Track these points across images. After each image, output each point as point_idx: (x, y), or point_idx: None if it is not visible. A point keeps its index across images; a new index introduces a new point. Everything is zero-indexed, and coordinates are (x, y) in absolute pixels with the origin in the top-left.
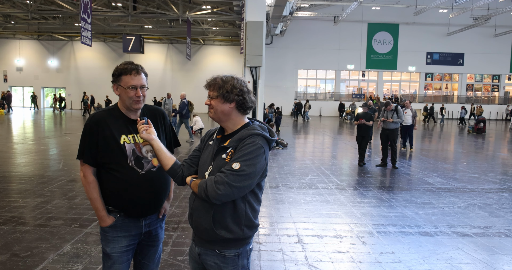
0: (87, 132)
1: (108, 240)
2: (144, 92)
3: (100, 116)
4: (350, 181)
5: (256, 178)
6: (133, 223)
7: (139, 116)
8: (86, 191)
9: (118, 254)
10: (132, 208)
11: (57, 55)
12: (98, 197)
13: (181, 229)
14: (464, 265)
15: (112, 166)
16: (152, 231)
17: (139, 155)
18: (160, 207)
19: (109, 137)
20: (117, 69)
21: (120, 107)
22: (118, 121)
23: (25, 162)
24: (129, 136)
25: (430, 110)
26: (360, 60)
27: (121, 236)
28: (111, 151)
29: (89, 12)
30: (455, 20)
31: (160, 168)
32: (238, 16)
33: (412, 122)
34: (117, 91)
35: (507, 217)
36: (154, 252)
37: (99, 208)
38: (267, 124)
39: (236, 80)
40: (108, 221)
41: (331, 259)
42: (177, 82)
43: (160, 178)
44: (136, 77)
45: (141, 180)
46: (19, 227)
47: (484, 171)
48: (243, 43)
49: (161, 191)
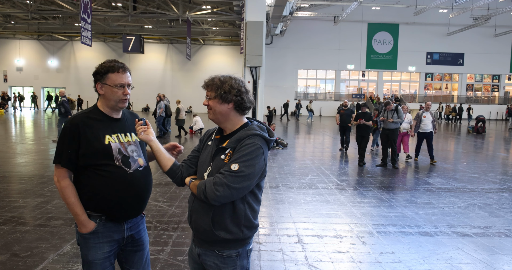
0: (67, 135)
1: (89, 247)
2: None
3: (79, 118)
4: (350, 181)
5: (255, 179)
6: (115, 227)
7: (121, 116)
8: (63, 196)
9: (100, 260)
10: (117, 210)
11: (57, 55)
12: (76, 202)
13: (181, 229)
14: (464, 265)
15: (99, 167)
16: (135, 235)
17: (126, 155)
18: (142, 209)
19: (91, 139)
20: (103, 67)
21: (102, 107)
22: (99, 122)
23: (25, 162)
24: (113, 135)
25: (458, 110)
26: (360, 60)
27: (103, 242)
28: (96, 153)
29: (89, 12)
30: (455, 20)
31: (146, 168)
32: (238, 16)
33: (432, 128)
34: (102, 90)
35: (507, 217)
36: (140, 257)
37: (79, 213)
38: (266, 124)
39: (234, 80)
40: (90, 226)
41: (331, 259)
42: (177, 82)
43: (146, 178)
44: (123, 75)
45: (129, 179)
46: (19, 227)
47: (484, 171)
48: (243, 43)
49: (146, 191)
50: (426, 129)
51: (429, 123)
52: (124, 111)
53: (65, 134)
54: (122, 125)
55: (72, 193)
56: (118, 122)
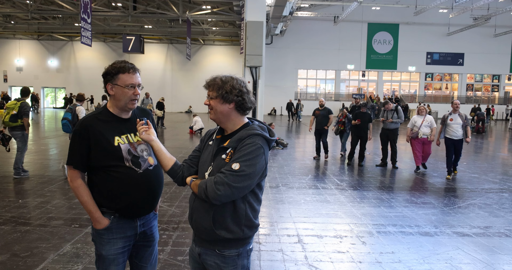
0: (77, 138)
1: (103, 243)
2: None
3: (89, 120)
4: (350, 181)
5: (256, 178)
6: (128, 223)
7: (131, 116)
8: (77, 195)
9: (114, 256)
10: (130, 208)
11: (57, 55)
12: (90, 200)
13: (181, 229)
14: (464, 265)
15: (110, 168)
16: (147, 231)
17: (135, 155)
18: (155, 206)
19: (101, 141)
20: (113, 67)
21: (111, 108)
22: (109, 123)
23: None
24: (123, 136)
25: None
26: (360, 60)
27: (117, 238)
28: (106, 154)
29: (89, 12)
30: (455, 20)
31: (156, 167)
32: (238, 16)
33: (463, 135)
34: (112, 91)
35: (507, 217)
36: (150, 253)
37: (93, 210)
38: (266, 124)
39: (236, 80)
40: (104, 223)
41: (331, 259)
42: (177, 82)
43: (157, 177)
44: (134, 76)
45: (140, 179)
46: (19, 227)
47: (484, 171)
48: (243, 43)
49: (158, 189)
50: (454, 136)
51: (459, 127)
52: (134, 110)
53: (75, 136)
54: (131, 125)
55: (85, 192)
56: (127, 123)
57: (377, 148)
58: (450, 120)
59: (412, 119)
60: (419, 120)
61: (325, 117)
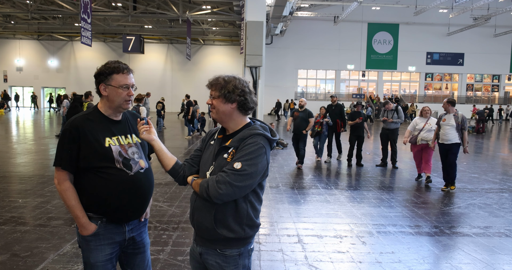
0: (66, 138)
1: (90, 249)
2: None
3: (79, 120)
4: (350, 181)
5: (258, 177)
6: (116, 229)
7: (122, 118)
8: (63, 198)
9: (102, 262)
10: (118, 212)
11: (57, 55)
12: (77, 204)
13: (181, 229)
14: (464, 265)
15: (100, 169)
16: (136, 237)
17: (126, 157)
18: (144, 211)
19: (92, 142)
20: (107, 67)
21: (103, 108)
22: (100, 124)
23: (25, 162)
24: (113, 138)
25: (489, 110)
26: (360, 60)
27: (104, 244)
28: (97, 155)
29: (89, 12)
30: (455, 20)
31: (148, 170)
32: (238, 16)
33: (459, 139)
34: (105, 92)
35: (507, 217)
36: (142, 260)
37: (80, 215)
38: (268, 124)
39: (238, 80)
40: (91, 229)
41: (331, 259)
42: (177, 82)
43: (148, 180)
44: (128, 76)
45: (130, 182)
46: (19, 227)
47: (484, 171)
48: (243, 43)
49: (148, 193)
50: (444, 139)
51: (450, 130)
52: (125, 112)
53: (64, 137)
54: (122, 127)
55: (73, 196)
56: (118, 124)
57: (377, 148)
58: (443, 120)
59: (414, 121)
60: (421, 123)
61: (304, 120)
